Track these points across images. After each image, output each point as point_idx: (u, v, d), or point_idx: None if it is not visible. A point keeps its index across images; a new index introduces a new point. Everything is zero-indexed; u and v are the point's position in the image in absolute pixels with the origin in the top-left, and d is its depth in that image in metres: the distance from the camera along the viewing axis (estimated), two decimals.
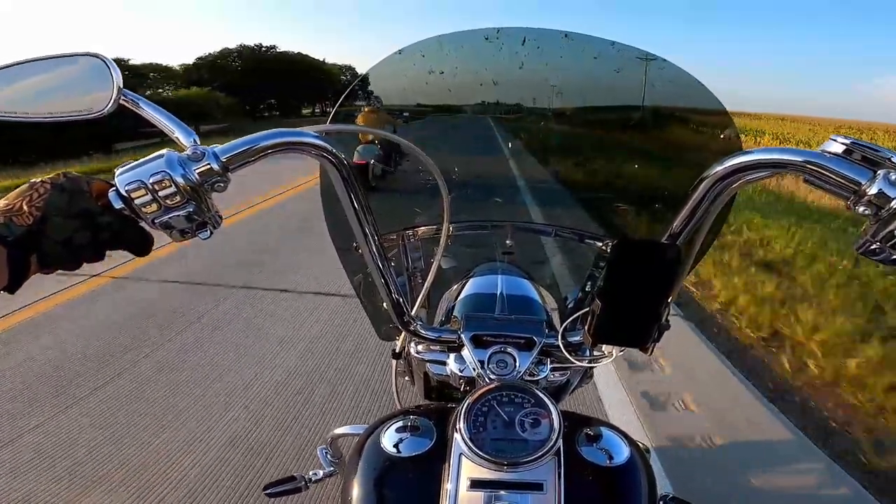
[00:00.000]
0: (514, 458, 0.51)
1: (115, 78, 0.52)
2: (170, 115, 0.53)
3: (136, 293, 3.33)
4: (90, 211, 0.45)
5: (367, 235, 0.61)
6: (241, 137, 0.49)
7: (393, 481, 0.56)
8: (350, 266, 0.88)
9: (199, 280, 3.55)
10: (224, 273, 3.69)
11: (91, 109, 0.53)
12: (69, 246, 0.45)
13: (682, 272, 0.55)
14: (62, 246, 0.44)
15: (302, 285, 3.45)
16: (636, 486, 0.55)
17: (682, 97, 0.83)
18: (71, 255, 0.45)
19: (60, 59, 0.55)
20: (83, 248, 0.45)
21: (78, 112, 0.53)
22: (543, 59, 0.83)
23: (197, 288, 3.41)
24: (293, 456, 1.82)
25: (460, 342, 0.69)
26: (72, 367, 2.42)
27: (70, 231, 0.44)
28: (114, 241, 0.47)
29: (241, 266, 3.83)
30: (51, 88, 0.54)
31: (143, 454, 1.83)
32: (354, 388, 2.25)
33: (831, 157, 0.43)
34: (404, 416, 0.61)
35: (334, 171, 0.54)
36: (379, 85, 0.81)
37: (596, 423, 0.60)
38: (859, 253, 0.44)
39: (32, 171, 9.03)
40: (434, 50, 0.80)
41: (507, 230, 1.04)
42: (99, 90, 0.52)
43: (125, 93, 0.52)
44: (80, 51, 0.53)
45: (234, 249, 4.19)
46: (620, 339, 0.56)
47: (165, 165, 0.45)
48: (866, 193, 0.41)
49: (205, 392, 2.22)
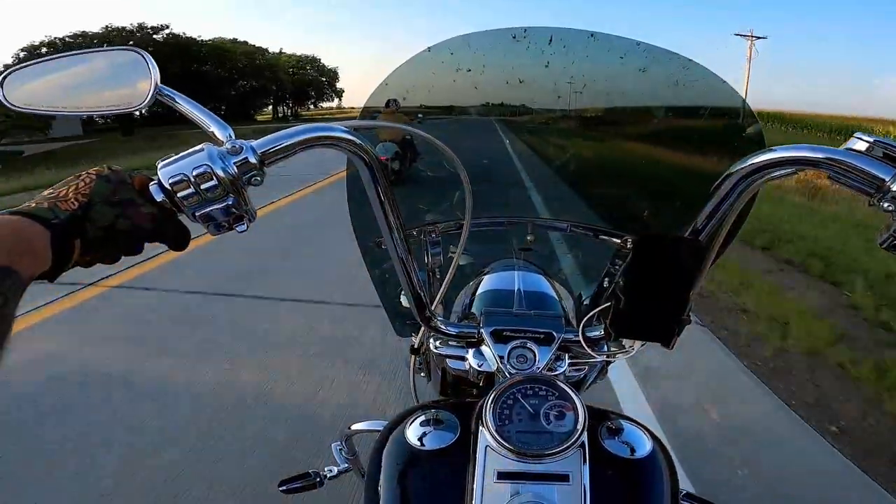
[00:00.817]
0: (540, 451, 0.51)
1: (153, 73, 0.53)
2: (205, 110, 0.53)
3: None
4: (133, 201, 0.46)
5: (392, 229, 0.61)
6: (277, 132, 0.50)
7: (418, 475, 0.57)
8: (371, 261, 0.89)
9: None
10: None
11: (130, 103, 0.54)
12: (111, 232, 0.45)
13: (705, 268, 0.55)
14: (105, 232, 0.45)
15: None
16: (659, 479, 0.55)
17: (707, 96, 0.83)
18: (112, 242, 0.46)
19: (100, 53, 0.56)
20: (125, 235, 0.46)
21: (117, 106, 0.54)
22: (570, 59, 0.84)
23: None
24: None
25: (480, 337, 0.70)
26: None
27: (112, 217, 0.45)
28: (153, 232, 0.48)
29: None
30: (90, 82, 0.55)
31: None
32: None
33: (854, 155, 0.44)
34: (427, 410, 0.61)
35: (363, 165, 0.55)
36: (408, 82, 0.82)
37: (616, 417, 0.60)
38: (883, 248, 0.45)
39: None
40: (462, 48, 0.81)
41: (525, 227, 1.04)
42: (137, 84, 0.53)
43: (162, 88, 0.53)
44: (119, 46, 0.54)
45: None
46: (642, 334, 0.56)
47: (207, 159, 0.46)
48: (890, 190, 0.42)
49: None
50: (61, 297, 3.23)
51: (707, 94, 0.82)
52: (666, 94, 0.84)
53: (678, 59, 0.79)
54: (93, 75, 0.55)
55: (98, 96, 0.55)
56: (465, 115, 1.01)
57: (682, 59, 0.79)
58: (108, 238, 0.45)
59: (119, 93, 0.55)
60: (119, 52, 0.54)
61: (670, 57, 0.79)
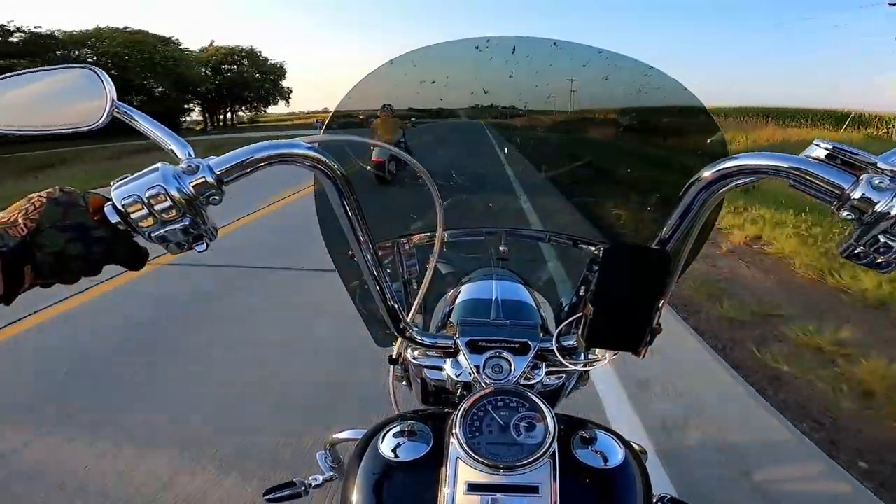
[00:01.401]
0: (509, 462, 0.52)
1: (108, 90, 0.52)
2: (164, 128, 0.53)
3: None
4: (84, 224, 0.46)
5: (362, 243, 0.61)
6: (235, 150, 0.50)
7: (391, 486, 0.56)
8: (346, 273, 0.89)
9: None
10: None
11: (84, 122, 0.53)
12: (62, 258, 0.45)
13: (673, 277, 0.55)
14: (55, 258, 0.45)
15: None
16: (631, 488, 0.56)
17: (669, 104, 0.84)
18: (64, 267, 0.45)
19: (53, 71, 0.55)
20: (76, 260, 0.46)
21: (71, 124, 0.53)
22: (533, 68, 0.85)
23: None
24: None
25: (456, 347, 0.70)
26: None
27: (62, 243, 0.45)
28: (107, 255, 0.48)
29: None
30: (44, 101, 0.54)
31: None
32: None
33: (815, 163, 0.43)
34: (401, 421, 0.61)
35: (328, 181, 0.54)
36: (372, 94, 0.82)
37: (591, 426, 0.61)
38: (844, 257, 0.45)
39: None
40: (425, 60, 0.81)
41: (504, 236, 1.05)
42: (93, 102, 0.52)
43: (119, 105, 0.53)
44: (73, 64, 0.54)
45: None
46: (613, 343, 0.57)
47: (161, 179, 0.46)
48: (849, 198, 0.42)
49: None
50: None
51: (669, 102, 0.83)
52: (629, 102, 0.86)
53: (639, 67, 0.80)
54: (46, 94, 0.54)
55: (52, 115, 0.54)
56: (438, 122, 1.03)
57: (643, 67, 0.80)
58: (59, 263, 0.45)
59: (74, 111, 0.54)
60: (72, 70, 0.54)
61: (632, 64, 0.80)
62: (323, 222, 0.85)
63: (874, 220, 0.41)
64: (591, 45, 0.80)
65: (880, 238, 0.42)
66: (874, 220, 0.41)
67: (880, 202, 0.40)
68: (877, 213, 0.41)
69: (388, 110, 0.99)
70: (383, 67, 0.80)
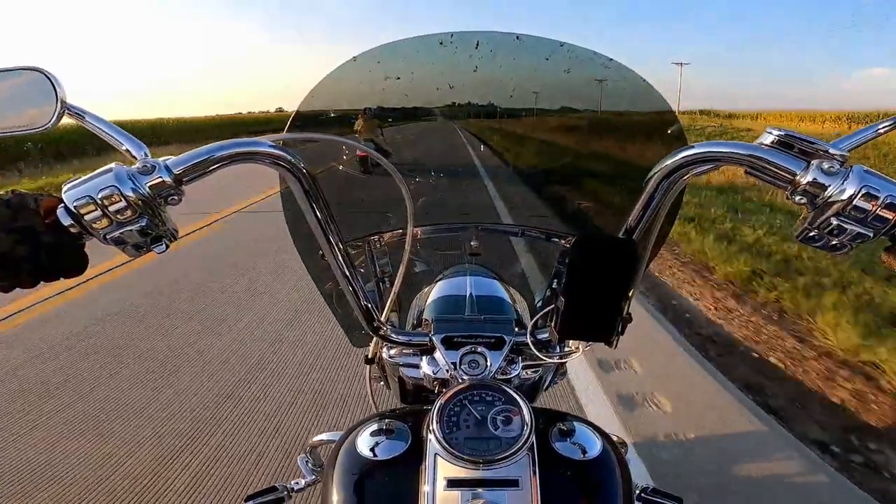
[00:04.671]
0: (488, 456, 0.52)
1: (58, 90, 0.51)
2: (117, 128, 0.51)
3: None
4: (32, 228, 0.45)
5: (332, 244, 0.61)
6: (195, 149, 0.49)
7: (370, 485, 0.56)
8: (318, 274, 0.87)
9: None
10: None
11: (34, 124, 0.51)
12: (7, 260, 0.44)
13: (640, 266, 0.56)
14: (1, 259, 0.44)
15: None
16: (610, 478, 0.56)
17: (630, 95, 0.86)
18: (10, 269, 0.45)
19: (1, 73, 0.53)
20: (19, 263, 0.45)
21: (21, 127, 0.52)
22: (497, 62, 0.85)
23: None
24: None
25: (431, 344, 0.70)
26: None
27: (8, 246, 0.44)
28: (51, 262, 0.47)
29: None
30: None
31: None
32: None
33: (768, 150, 0.45)
34: (379, 420, 0.61)
35: (294, 180, 0.53)
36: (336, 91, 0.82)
37: (569, 419, 0.61)
38: (800, 241, 0.46)
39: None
40: (389, 56, 0.81)
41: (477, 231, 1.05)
42: (42, 104, 0.51)
43: (69, 106, 0.51)
44: (20, 66, 0.52)
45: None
46: (585, 334, 0.57)
47: (114, 180, 0.45)
48: (801, 183, 0.43)
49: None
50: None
51: (629, 93, 0.85)
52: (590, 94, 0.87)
53: (599, 59, 0.82)
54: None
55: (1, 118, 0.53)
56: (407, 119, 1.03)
57: (602, 59, 0.82)
58: (4, 265, 0.44)
59: (23, 113, 0.52)
60: (19, 72, 0.52)
61: (592, 57, 0.81)
62: (291, 224, 0.84)
63: (826, 204, 0.43)
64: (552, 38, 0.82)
65: (832, 220, 0.43)
66: (826, 204, 0.43)
67: (830, 186, 0.42)
68: (827, 197, 0.42)
69: (369, 112, 1.00)
70: (347, 64, 0.79)
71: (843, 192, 0.42)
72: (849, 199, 0.42)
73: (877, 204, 0.41)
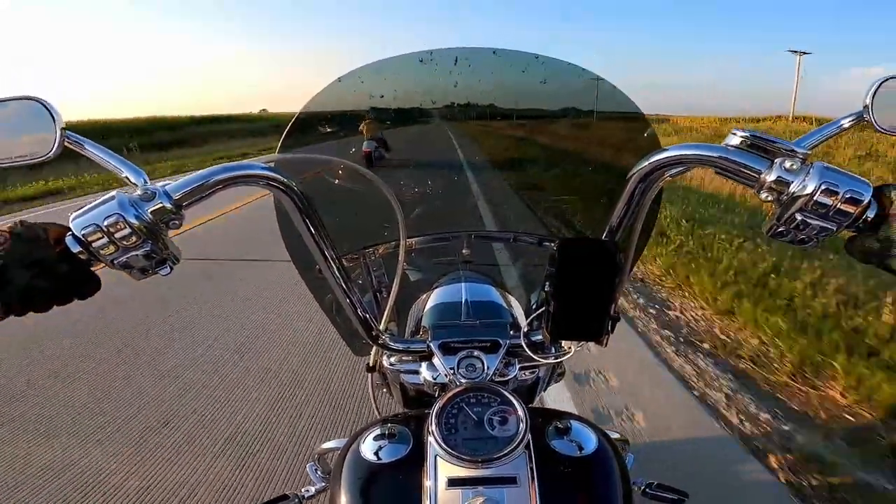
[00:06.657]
0: (485, 456, 0.53)
1: (56, 120, 0.52)
2: (117, 156, 0.53)
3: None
4: (47, 259, 0.46)
5: (328, 259, 0.62)
6: (192, 174, 0.51)
7: (376, 488, 0.57)
8: (316, 288, 0.89)
9: None
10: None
11: (36, 154, 0.52)
12: (29, 292, 0.45)
13: (625, 265, 0.58)
14: (22, 293, 0.45)
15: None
16: (607, 474, 0.58)
17: (603, 102, 0.90)
18: (31, 300, 0.46)
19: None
20: (43, 293, 0.46)
21: (21, 157, 0.52)
22: (476, 76, 0.89)
23: None
24: None
25: (430, 351, 0.71)
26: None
27: (27, 279, 0.45)
28: (71, 286, 0.48)
29: None
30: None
31: None
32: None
33: (734, 150, 0.47)
34: (382, 425, 0.62)
35: (287, 199, 0.55)
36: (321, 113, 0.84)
37: (566, 417, 0.63)
38: (769, 236, 0.48)
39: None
40: (372, 76, 0.84)
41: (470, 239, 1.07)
42: (41, 133, 0.52)
43: (69, 135, 0.52)
44: (17, 95, 0.53)
45: None
46: (575, 335, 0.59)
47: (118, 207, 0.46)
48: (766, 181, 0.45)
49: None
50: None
51: (604, 101, 0.89)
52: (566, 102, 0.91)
53: (574, 69, 0.86)
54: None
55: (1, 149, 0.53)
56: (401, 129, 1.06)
57: (577, 69, 0.86)
58: (26, 297, 0.45)
59: (23, 143, 0.53)
60: (17, 102, 0.53)
61: (566, 67, 0.85)
62: (287, 240, 0.86)
63: (790, 200, 0.44)
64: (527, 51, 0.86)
65: (797, 216, 0.45)
66: (790, 200, 0.44)
67: (793, 183, 0.44)
68: (791, 194, 0.44)
69: (371, 116, 1.04)
70: (332, 85, 0.82)
71: (804, 189, 0.43)
72: (810, 195, 0.43)
73: (837, 199, 0.42)
